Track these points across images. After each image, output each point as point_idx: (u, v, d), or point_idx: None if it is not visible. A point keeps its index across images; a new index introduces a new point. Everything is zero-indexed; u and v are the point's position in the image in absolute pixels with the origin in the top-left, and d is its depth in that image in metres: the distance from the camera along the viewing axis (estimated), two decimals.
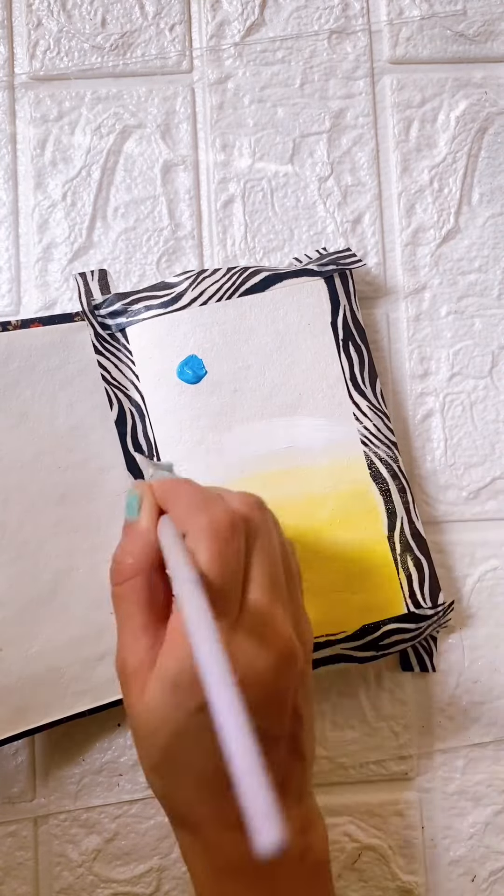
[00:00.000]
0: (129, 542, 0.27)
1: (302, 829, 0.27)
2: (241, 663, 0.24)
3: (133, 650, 0.26)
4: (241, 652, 0.25)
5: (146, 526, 0.27)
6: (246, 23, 0.42)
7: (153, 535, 0.26)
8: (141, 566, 0.26)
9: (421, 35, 0.43)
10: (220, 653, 0.20)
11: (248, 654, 0.25)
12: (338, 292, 0.39)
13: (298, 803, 0.27)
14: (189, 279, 0.38)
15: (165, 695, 0.24)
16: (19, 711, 0.36)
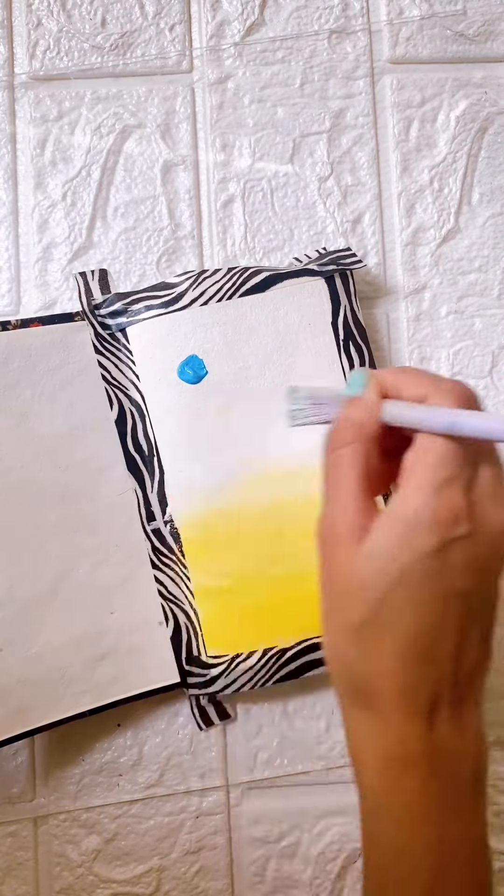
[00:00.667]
0: (353, 412, 0.27)
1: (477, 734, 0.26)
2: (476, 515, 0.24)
3: (346, 512, 0.26)
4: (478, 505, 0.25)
5: (373, 398, 0.27)
6: (246, 23, 0.42)
7: (377, 408, 0.27)
8: (363, 435, 0.27)
9: (421, 35, 0.43)
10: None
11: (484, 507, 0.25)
12: (338, 292, 0.39)
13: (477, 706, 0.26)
14: (189, 279, 0.38)
15: (397, 535, 0.24)
16: (19, 712, 0.36)
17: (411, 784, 0.25)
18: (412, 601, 0.24)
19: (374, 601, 0.25)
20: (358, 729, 0.26)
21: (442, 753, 0.25)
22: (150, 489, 0.38)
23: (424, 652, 0.25)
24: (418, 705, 0.25)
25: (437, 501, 0.24)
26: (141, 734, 0.39)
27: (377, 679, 0.25)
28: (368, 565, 0.25)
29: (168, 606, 0.38)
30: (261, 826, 0.39)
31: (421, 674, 0.25)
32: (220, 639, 0.37)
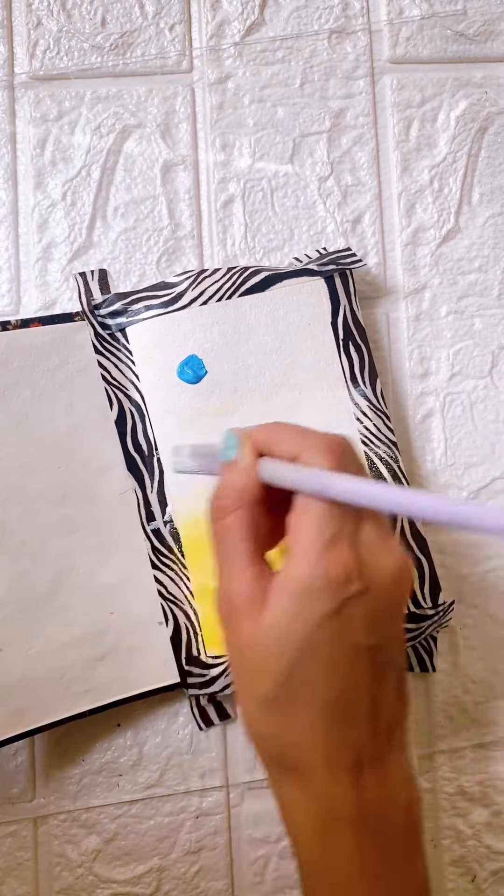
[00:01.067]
0: (231, 478, 0.27)
1: (405, 782, 0.26)
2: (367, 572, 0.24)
3: (240, 582, 0.26)
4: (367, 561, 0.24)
5: (248, 462, 0.27)
6: (246, 22, 0.42)
7: (254, 471, 0.27)
8: (244, 500, 0.26)
9: (421, 35, 0.43)
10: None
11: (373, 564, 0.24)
12: (338, 292, 0.39)
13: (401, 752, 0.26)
14: (189, 279, 0.38)
15: (292, 604, 0.24)
16: (19, 712, 0.36)
17: (344, 846, 0.25)
18: (320, 667, 0.24)
19: (281, 674, 0.25)
20: (287, 797, 0.26)
21: (371, 810, 0.25)
22: (150, 489, 0.38)
23: (341, 714, 0.25)
24: (342, 767, 0.25)
25: (325, 563, 0.24)
26: (141, 734, 0.39)
27: (298, 748, 0.25)
28: (270, 638, 0.25)
29: (168, 606, 0.38)
30: (261, 826, 0.39)
31: (341, 736, 0.25)
32: (219, 639, 0.37)
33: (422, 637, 0.38)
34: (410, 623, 0.37)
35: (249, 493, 0.26)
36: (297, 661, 0.24)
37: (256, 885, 0.38)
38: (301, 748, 0.25)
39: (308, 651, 0.24)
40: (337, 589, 0.24)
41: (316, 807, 0.25)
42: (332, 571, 0.24)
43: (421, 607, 0.37)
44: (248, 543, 0.26)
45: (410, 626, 0.37)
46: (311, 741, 0.25)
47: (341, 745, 0.25)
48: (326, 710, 0.25)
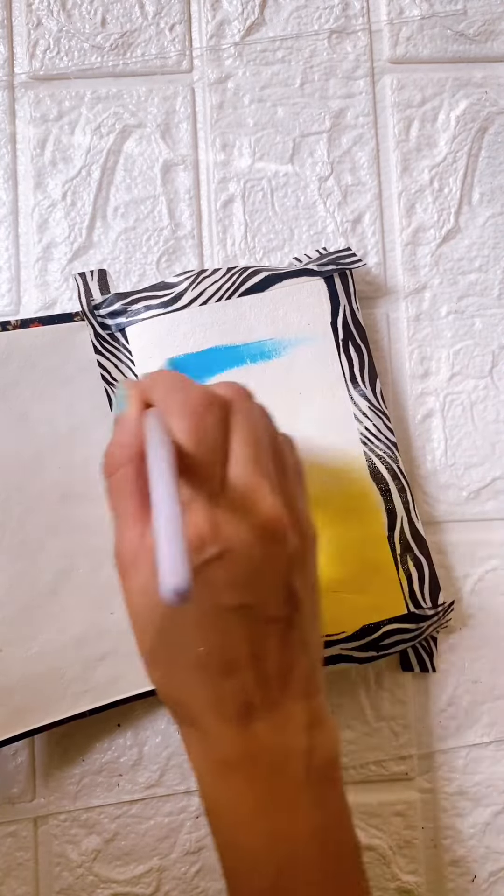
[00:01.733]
0: (119, 434, 0.27)
1: (308, 727, 0.26)
2: (223, 535, 0.24)
3: (128, 539, 0.26)
4: (223, 523, 0.24)
5: (133, 416, 0.27)
6: (246, 22, 0.42)
7: (138, 426, 0.26)
8: (130, 456, 0.26)
9: (421, 34, 0.43)
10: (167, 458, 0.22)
11: (231, 525, 0.24)
12: (338, 292, 0.39)
13: (305, 698, 0.26)
14: (189, 279, 0.38)
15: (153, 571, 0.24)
16: (19, 712, 0.36)
17: (236, 786, 0.26)
18: (187, 627, 0.25)
19: (154, 632, 0.25)
20: (186, 739, 0.27)
21: (263, 754, 0.25)
22: None
23: (216, 669, 0.25)
24: (228, 714, 0.25)
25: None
26: (141, 734, 0.39)
27: (183, 697, 0.26)
28: (141, 600, 0.25)
29: None
30: None
31: (221, 687, 0.25)
32: None
33: (422, 637, 0.38)
34: (410, 623, 0.37)
35: (135, 449, 0.26)
36: (165, 622, 0.25)
37: None
38: (185, 699, 0.26)
39: (171, 613, 0.24)
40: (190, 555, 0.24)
41: (209, 752, 0.26)
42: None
43: (421, 607, 0.37)
44: (134, 500, 0.26)
45: (410, 627, 0.37)
46: (192, 693, 0.26)
47: (222, 696, 0.25)
48: (199, 666, 0.25)
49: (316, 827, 0.26)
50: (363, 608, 0.37)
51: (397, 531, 0.38)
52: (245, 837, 0.26)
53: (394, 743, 0.39)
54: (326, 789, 0.27)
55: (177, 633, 0.25)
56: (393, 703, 0.39)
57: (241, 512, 0.25)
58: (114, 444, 0.27)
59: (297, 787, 0.26)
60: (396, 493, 0.38)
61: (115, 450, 0.27)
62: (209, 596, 0.24)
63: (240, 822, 0.26)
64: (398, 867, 0.39)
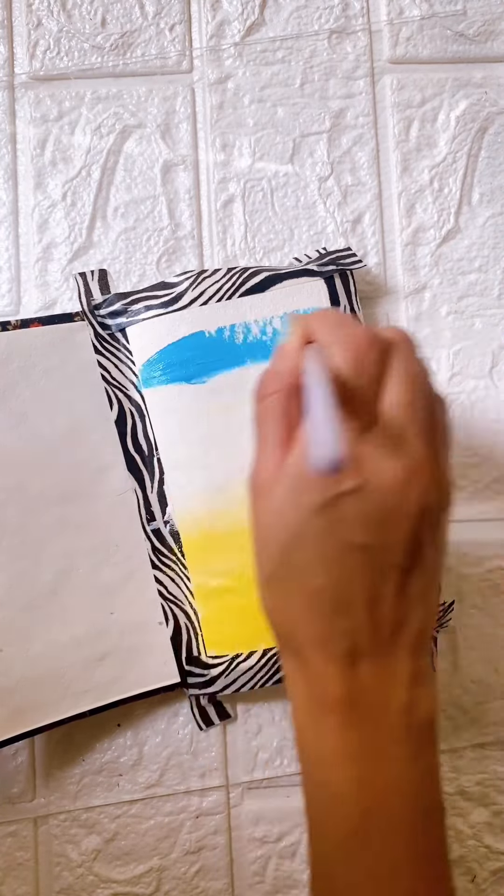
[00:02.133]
0: (277, 361, 0.27)
1: (411, 684, 0.26)
2: (364, 470, 0.24)
3: (266, 464, 0.26)
4: (367, 458, 0.24)
5: (293, 346, 0.27)
6: (246, 22, 0.42)
7: (298, 357, 0.27)
8: (283, 383, 0.26)
9: (421, 35, 0.43)
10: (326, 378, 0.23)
11: (375, 459, 0.24)
12: (338, 292, 0.39)
13: (412, 654, 0.26)
14: (189, 279, 0.38)
15: (289, 493, 0.24)
16: (20, 712, 0.36)
17: (331, 725, 0.25)
18: (309, 556, 0.25)
19: (276, 556, 0.25)
20: (289, 672, 0.27)
21: (363, 699, 0.25)
22: (150, 489, 0.38)
23: (332, 604, 0.25)
24: (335, 653, 0.25)
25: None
26: (141, 734, 0.39)
27: (294, 628, 0.26)
28: (270, 521, 0.25)
29: (168, 606, 0.38)
30: (261, 826, 0.39)
31: (333, 624, 0.25)
32: (219, 639, 0.37)
33: None
34: None
35: (289, 377, 0.26)
36: (290, 547, 0.25)
37: (256, 884, 0.38)
38: (296, 629, 0.26)
39: (299, 539, 0.25)
40: (327, 484, 0.24)
41: (308, 685, 0.26)
42: None
43: None
44: (280, 427, 0.26)
45: None
46: (304, 624, 0.26)
47: (334, 633, 0.25)
48: (316, 597, 0.25)
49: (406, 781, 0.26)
50: None
51: None
52: (334, 778, 0.26)
53: None
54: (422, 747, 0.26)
55: (300, 561, 0.25)
56: None
57: (387, 451, 0.24)
58: (269, 371, 0.27)
59: (392, 739, 0.26)
60: None
61: (271, 376, 0.27)
62: (337, 529, 0.24)
63: (329, 760, 0.26)
64: None
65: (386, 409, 0.25)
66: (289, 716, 0.39)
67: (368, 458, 0.24)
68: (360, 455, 0.24)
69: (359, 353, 0.25)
